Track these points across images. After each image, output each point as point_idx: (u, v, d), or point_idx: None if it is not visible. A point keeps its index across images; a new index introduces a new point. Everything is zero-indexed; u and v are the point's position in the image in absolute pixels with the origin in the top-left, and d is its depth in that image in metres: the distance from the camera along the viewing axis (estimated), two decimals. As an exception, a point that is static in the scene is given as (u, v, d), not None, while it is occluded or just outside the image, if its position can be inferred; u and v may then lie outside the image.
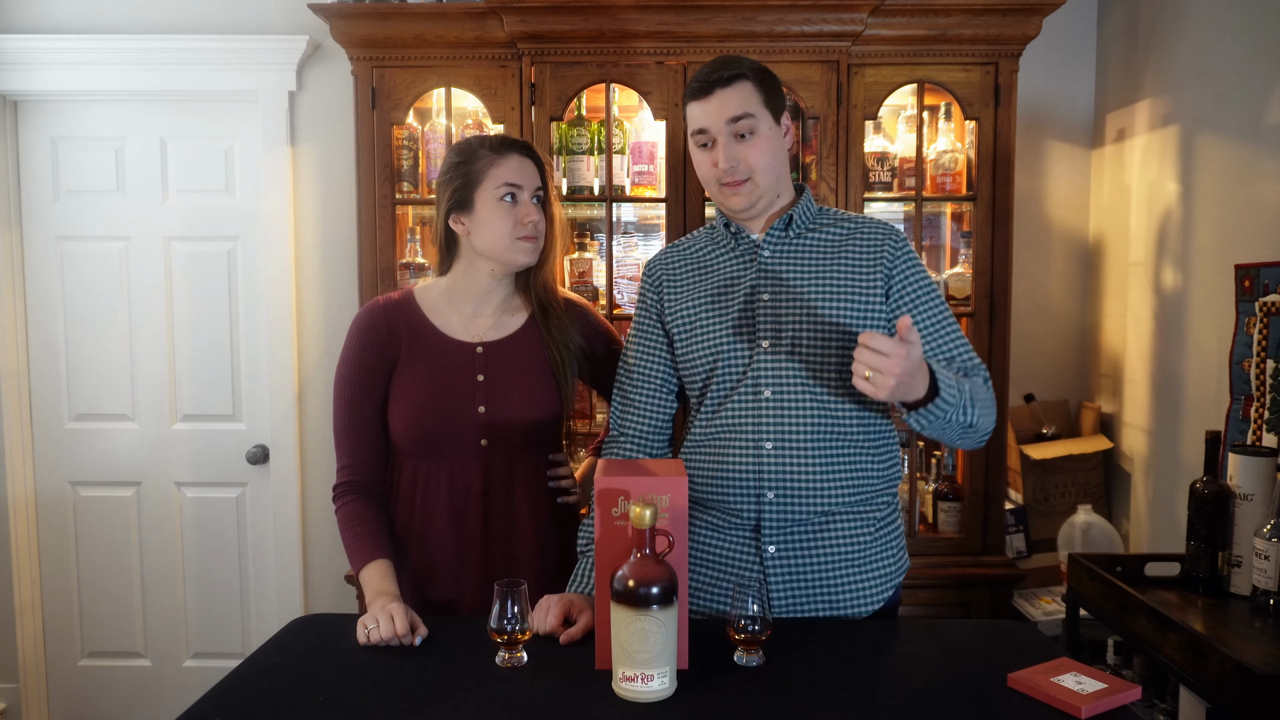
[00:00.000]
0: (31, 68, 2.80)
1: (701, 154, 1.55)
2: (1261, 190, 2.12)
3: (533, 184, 1.67)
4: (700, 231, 1.69)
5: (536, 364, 1.70)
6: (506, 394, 1.67)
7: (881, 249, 1.55)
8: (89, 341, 2.93)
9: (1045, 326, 2.93)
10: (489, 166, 1.64)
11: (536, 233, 1.66)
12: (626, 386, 1.66)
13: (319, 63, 2.84)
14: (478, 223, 1.65)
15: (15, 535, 2.91)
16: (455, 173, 1.66)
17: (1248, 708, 1.47)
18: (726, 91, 1.50)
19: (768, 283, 1.55)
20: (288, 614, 2.85)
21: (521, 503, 1.68)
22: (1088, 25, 2.87)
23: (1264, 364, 2.04)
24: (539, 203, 1.68)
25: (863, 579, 1.55)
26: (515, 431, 1.67)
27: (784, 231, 1.57)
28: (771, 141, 1.53)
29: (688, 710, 1.19)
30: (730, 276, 1.58)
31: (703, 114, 1.52)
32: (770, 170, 1.54)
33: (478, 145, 1.67)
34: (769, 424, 1.51)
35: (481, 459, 1.66)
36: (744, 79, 1.51)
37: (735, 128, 1.50)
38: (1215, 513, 1.84)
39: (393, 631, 1.40)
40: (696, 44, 2.40)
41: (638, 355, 1.66)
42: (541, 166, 1.70)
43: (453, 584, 1.67)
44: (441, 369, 1.67)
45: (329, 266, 2.88)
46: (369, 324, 1.70)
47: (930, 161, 2.54)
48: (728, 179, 1.52)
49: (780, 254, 1.57)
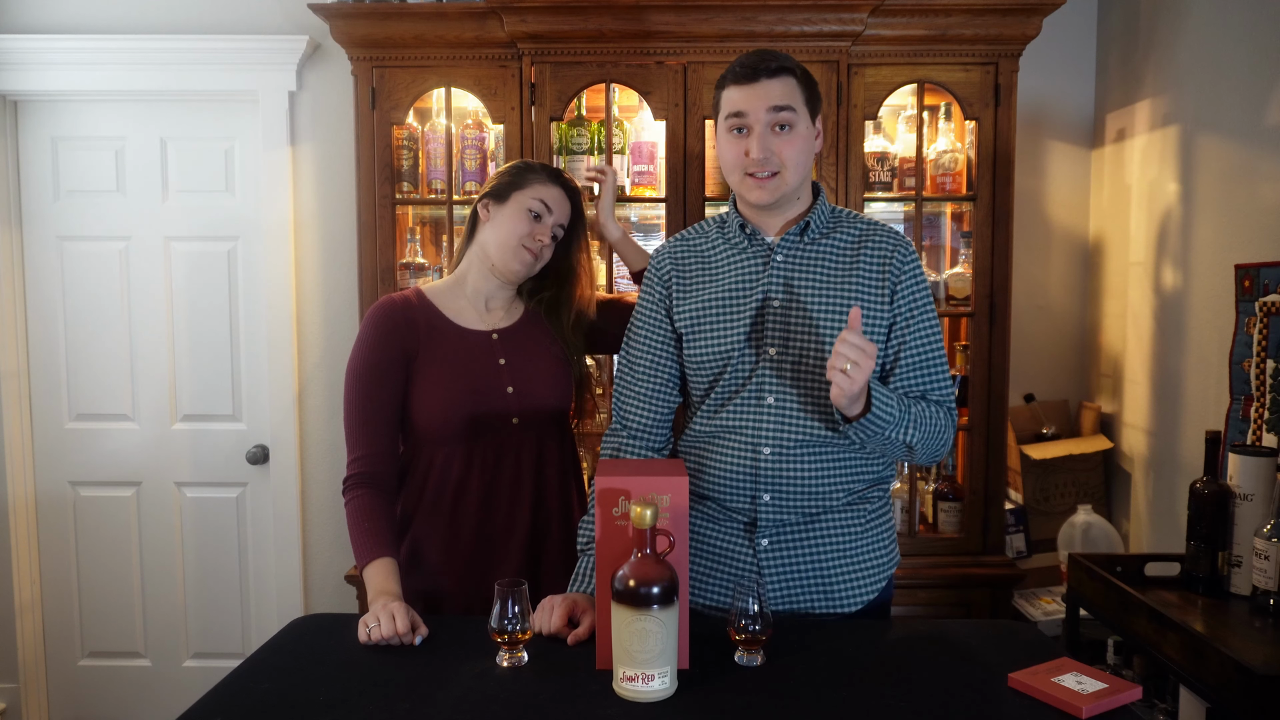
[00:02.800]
0: (31, 68, 2.80)
1: (732, 140, 1.52)
2: (1261, 190, 2.12)
3: (561, 218, 1.77)
4: (709, 224, 1.66)
5: (549, 347, 1.79)
6: (530, 374, 1.75)
7: (890, 258, 1.54)
8: (89, 341, 2.93)
9: (1045, 326, 2.93)
10: (536, 183, 1.76)
11: (539, 251, 1.75)
12: (629, 378, 1.66)
13: (319, 63, 2.84)
14: (499, 215, 1.75)
15: (15, 535, 2.91)
16: (509, 171, 1.79)
17: (1248, 708, 1.47)
18: (772, 82, 1.49)
19: (779, 290, 1.54)
20: (288, 614, 2.85)
21: (552, 481, 1.75)
22: (1088, 25, 2.87)
23: (1264, 364, 2.04)
24: (555, 238, 1.78)
25: (855, 570, 1.56)
26: (543, 408, 1.75)
27: (799, 237, 1.56)
28: (806, 139, 1.53)
29: (688, 710, 1.19)
30: (741, 279, 1.57)
31: (743, 99, 1.50)
32: (800, 168, 1.53)
33: (539, 168, 1.80)
34: (769, 430, 1.52)
35: (513, 439, 1.72)
36: (790, 74, 1.50)
37: (775, 118, 1.49)
38: (1215, 513, 1.84)
39: (393, 630, 1.41)
40: (696, 44, 2.40)
41: (642, 348, 1.65)
42: (578, 212, 1.81)
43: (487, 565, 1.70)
44: (464, 356, 1.72)
45: (329, 266, 2.88)
46: (386, 317, 1.73)
47: (930, 161, 2.54)
48: (757, 169, 1.50)
49: (794, 260, 1.55)
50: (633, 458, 1.63)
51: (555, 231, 1.77)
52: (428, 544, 1.71)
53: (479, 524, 1.71)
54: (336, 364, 2.89)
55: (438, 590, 1.70)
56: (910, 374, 1.54)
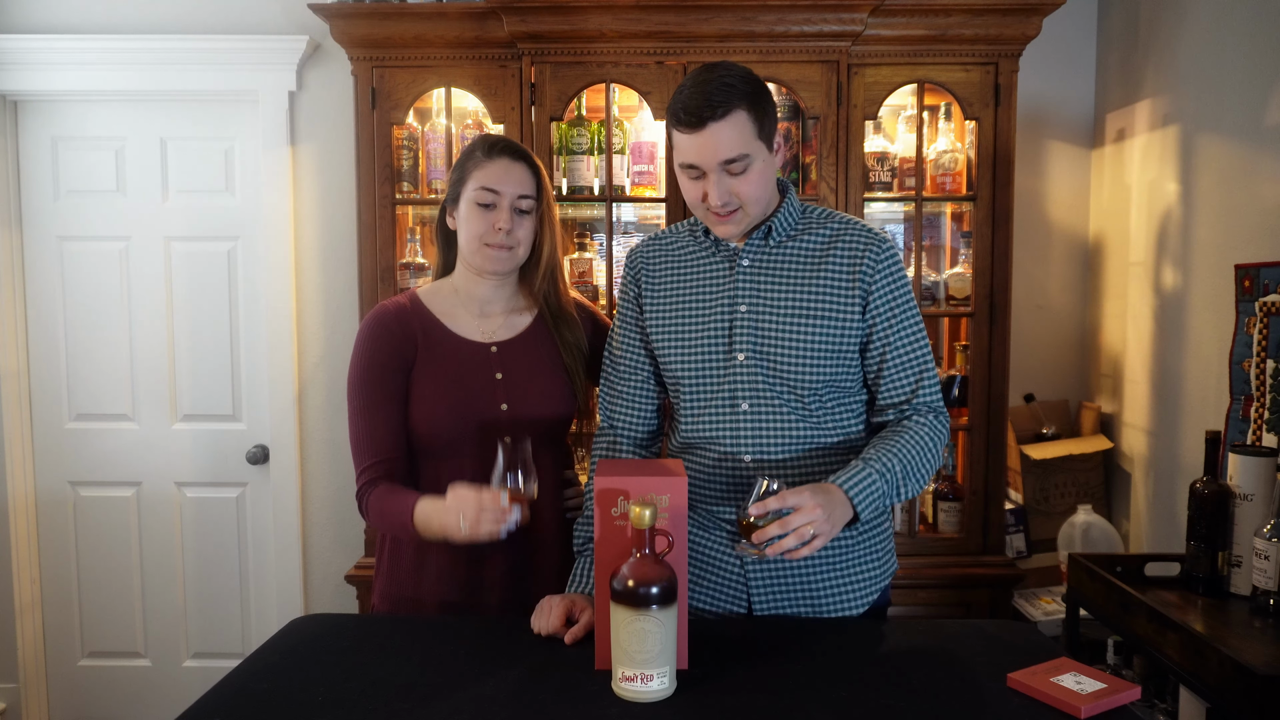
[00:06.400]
0: (31, 68, 2.80)
1: (690, 183, 1.47)
2: (1261, 190, 2.12)
3: (516, 190, 1.65)
4: (682, 226, 1.64)
5: (549, 362, 1.71)
6: (526, 391, 1.68)
7: (862, 259, 1.50)
8: (89, 341, 2.93)
9: (1045, 326, 2.93)
10: (475, 167, 1.65)
11: (509, 242, 1.65)
12: (613, 378, 1.66)
13: (319, 63, 2.84)
14: (459, 221, 1.68)
15: (15, 535, 2.91)
16: (456, 167, 1.70)
17: (1248, 708, 1.47)
18: (719, 126, 1.39)
19: (746, 294, 1.52)
20: (288, 614, 2.85)
21: (543, 496, 1.67)
22: (1088, 25, 2.87)
23: (1264, 364, 2.04)
24: (523, 212, 1.66)
25: (845, 582, 1.55)
26: (537, 427, 1.67)
27: (764, 241, 1.53)
28: (765, 173, 1.46)
29: (688, 710, 1.19)
30: (708, 283, 1.55)
31: (693, 150, 1.42)
32: (761, 200, 1.48)
33: (477, 145, 1.69)
34: (747, 437, 1.51)
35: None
36: (737, 109, 1.40)
37: (729, 168, 1.42)
38: (1215, 513, 1.84)
39: (479, 507, 1.43)
40: (696, 44, 2.40)
41: (623, 347, 1.64)
42: (537, 171, 1.69)
43: (475, 583, 1.66)
44: (460, 369, 1.67)
45: (329, 266, 2.88)
46: (381, 326, 1.68)
47: (930, 161, 2.54)
48: (718, 209, 1.46)
49: (760, 264, 1.53)
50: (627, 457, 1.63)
51: (519, 206, 1.65)
52: (416, 554, 1.67)
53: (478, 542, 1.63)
54: (336, 364, 2.89)
55: (424, 600, 1.67)
56: (897, 379, 1.51)
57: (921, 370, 1.52)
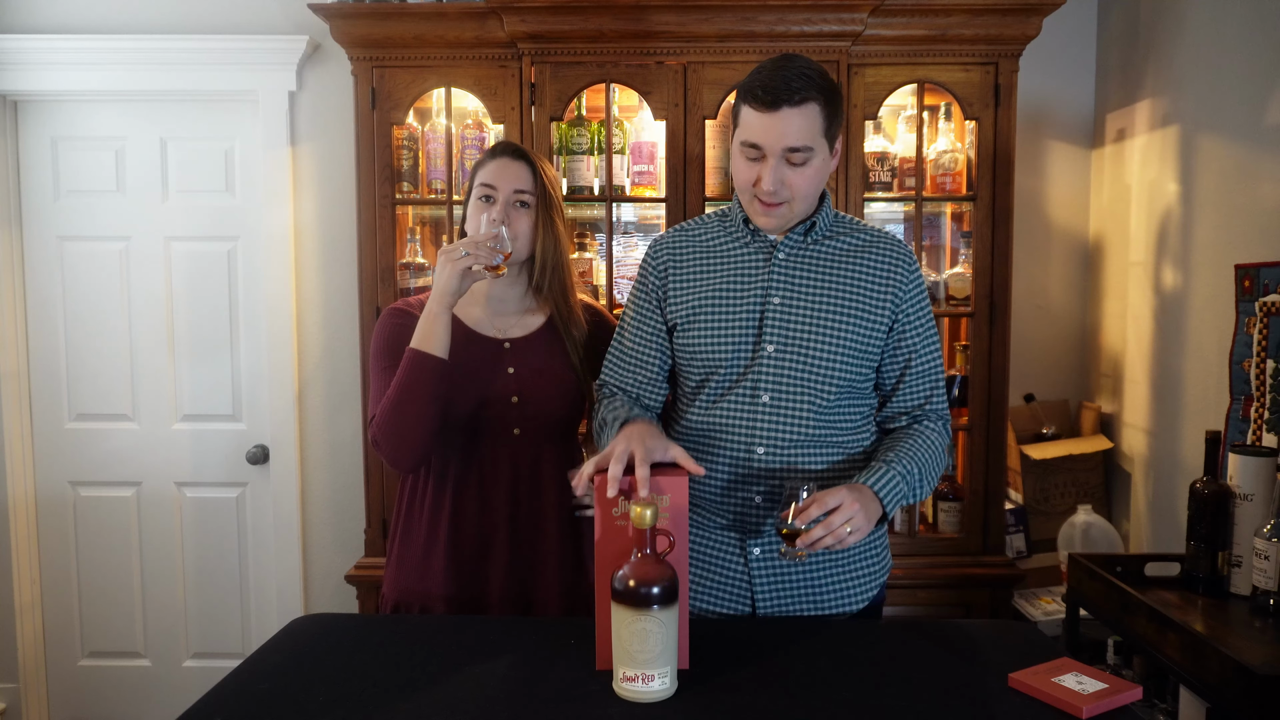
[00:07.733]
0: (31, 68, 2.80)
1: (746, 164, 1.48)
2: (1261, 190, 2.12)
3: (512, 185, 1.68)
4: (710, 216, 1.65)
5: (560, 360, 1.75)
6: (538, 386, 1.72)
7: (894, 270, 1.54)
8: (89, 341, 2.93)
9: (1045, 326, 2.93)
10: (479, 168, 1.73)
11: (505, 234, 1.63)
12: (620, 369, 1.65)
13: (319, 63, 2.84)
14: (466, 220, 1.75)
15: (15, 535, 2.91)
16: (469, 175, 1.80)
17: (1248, 708, 1.47)
18: (792, 112, 1.41)
19: (780, 286, 1.53)
20: (288, 614, 2.85)
21: (549, 491, 1.72)
22: (1088, 25, 2.87)
23: (1264, 364, 2.04)
24: (523, 205, 1.69)
25: (848, 580, 1.56)
26: (547, 421, 1.72)
27: (803, 237, 1.55)
28: (822, 170, 1.49)
29: (688, 710, 1.19)
30: (741, 273, 1.56)
31: (761, 130, 1.43)
32: (810, 199, 1.51)
33: (485, 150, 1.79)
34: (763, 429, 1.51)
35: (511, 449, 1.71)
36: (813, 100, 1.42)
37: (791, 156, 1.44)
38: (1215, 513, 1.84)
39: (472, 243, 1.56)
40: (696, 44, 2.40)
41: (635, 339, 1.64)
42: (535, 169, 1.71)
43: (479, 575, 1.69)
44: (473, 362, 1.70)
45: (329, 266, 2.88)
46: (399, 322, 1.71)
47: (930, 161, 2.54)
48: (766, 198, 1.47)
49: (796, 258, 1.55)
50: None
51: (516, 200, 1.68)
52: (421, 545, 1.71)
53: (474, 528, 1.69)
54: (336, 364, 2.89)
55: (430, 592, 1.69)
56: (915, 387, 1.58)
57: (937, 380, 1.59)
